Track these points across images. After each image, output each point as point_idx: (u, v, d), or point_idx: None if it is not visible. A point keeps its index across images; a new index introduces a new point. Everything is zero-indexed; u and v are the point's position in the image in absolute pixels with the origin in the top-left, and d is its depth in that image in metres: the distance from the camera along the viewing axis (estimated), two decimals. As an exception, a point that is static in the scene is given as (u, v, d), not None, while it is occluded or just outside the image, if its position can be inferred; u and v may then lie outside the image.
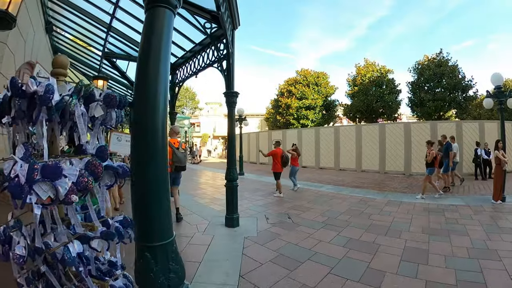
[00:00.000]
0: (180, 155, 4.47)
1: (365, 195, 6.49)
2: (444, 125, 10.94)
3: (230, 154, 4.29)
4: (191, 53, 6.21)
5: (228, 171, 4.26)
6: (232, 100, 4.21)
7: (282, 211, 5.14)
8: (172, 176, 4.41)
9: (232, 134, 4.27)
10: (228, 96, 4.23)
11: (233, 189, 4.23)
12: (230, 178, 4.22)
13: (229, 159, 4.30)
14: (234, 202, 4.25)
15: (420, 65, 20.34)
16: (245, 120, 11.01)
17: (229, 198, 4.25)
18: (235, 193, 4.27)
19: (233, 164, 4.24)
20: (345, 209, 5.22)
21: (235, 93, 4.24)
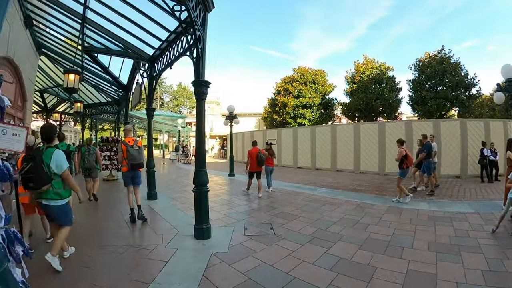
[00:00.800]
0: (133, 152, 4.33)
1: (362, 200, 5.81)
2: (447, 123, 10.27)
3: (199, 154, 3.63)
4: (166, 43, 5.74)
5: (196, 174, 3.60)
6: (202, 90, 3.55)
7: (265, 219, 4.47)
8: (129, 175, 4.42)
9: (200, 131, 3.60)
10: (197, 85, 3.56)
11: (202, 196, 3.57)
12: (198, 183, 3.55)
13: (197, 160, 3.63)
14: (203, 211, 3.58)
15: (421, 62, 19.66)
16: (236, 118, 10.34)
17: (197, 206, 3.60)
18: (205, 201, 3.60)
19: (202, 166, 3.57)
20: (338, 217, 4.55)
21: (205, 82, 3.58)
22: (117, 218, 4.71)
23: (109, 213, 5.21)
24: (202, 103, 3.58)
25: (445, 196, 6.47)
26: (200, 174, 3.52)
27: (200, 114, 3.56)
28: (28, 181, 2.48)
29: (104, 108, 15.59)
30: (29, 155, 2.55)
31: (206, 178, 3.59)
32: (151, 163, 6.54)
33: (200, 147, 3.66)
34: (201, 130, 3.57)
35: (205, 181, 3.54)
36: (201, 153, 3.63)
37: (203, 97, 3.56)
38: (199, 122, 3.57)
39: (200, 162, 3.57)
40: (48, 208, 2.68)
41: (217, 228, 4.01)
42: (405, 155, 5.72)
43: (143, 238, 3.83)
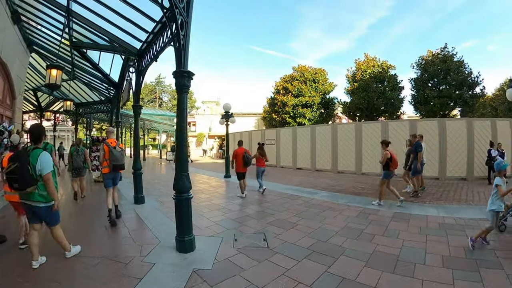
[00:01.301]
0: (116, 153, 4.45)
1: (366, 206, 5.35)
2: (453, 123, 9.80)
3: (181, 157, 3.16)
4: (152, 35, 5.40)
5: (176, 179, 3.14)
6: (183, 82, 3.09)
7: (259, 228, 4.02)
8: (110, 177, 4.49)
9: (181, 128, 3.15)
10: (179, 76, 3.10)
11: (183, 204, 3.11)
12: (178, 189, 3.09)
13: (178, 162, 3.17)
14: (185, 221, 3.13)
15: (423, 60, 19.19)
16: (232, 117, 9.88)
17: (178, 215, 3.14)
18: (187, 209, 3.14)
19: (184, 169, 3.11)
20: (340, 226, 4.09)
21: (188, 73, 3.12)
22: (99, 223, 4.34)
23: (91, 218, 4.83)
24: (184, 97, 3.12)
25: (454, 200, 6.03)
26: (181, 179, 3.06)
27: (181, 109, 3.10)
28: (13, 181, 2.46)
29: (98, 107, 15.18)
30: (16, 155, 2.55)
31: (189, 184, 3.13)
32: (138, 164, 6.10)
33: (181, 148, 3.19)
34: (182, 128, 3.11)
35: (186, 187, 3.08)
36: (182, 154, 3.16)
37: (185, 89, 3.10)
38: (180, 119, 3.12)
39: (181, 165, 3.11)
40: (36, 209, 2.65)
41: (203, 239, 3.56)
42: (390, 158, 5.49)
43: (121, 248, 3.42)
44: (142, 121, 22.54)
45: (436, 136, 9.61)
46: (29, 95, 16.32)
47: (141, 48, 6.35)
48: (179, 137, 3.14)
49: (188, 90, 3.17)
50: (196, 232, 3.85)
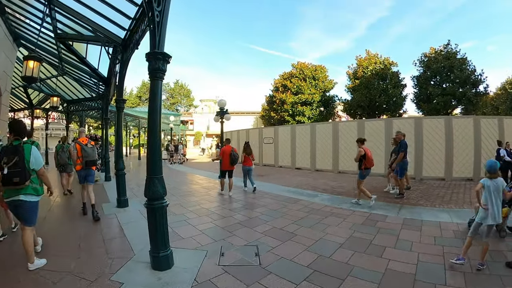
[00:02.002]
0: (88, 150, 4.71)
1: (372, 210, 4.82)
2: (459, 121, 9.28)
3: (152, 157, 2.61)
4: (135, 21, 4.92)
5: (147, 184, 2.59)
6: (157, 65, 2.54)
7: (251, 238, 3.48)
8: (82, 174, 4.65)
9: (153, 123, 2.59)
10: (153, 59, 2.55)
11: (157, 213, 2.57)
12: (150, 195, 2.55)
13: (149, 163, 2.62)
14: (160, 233, 2.59)
15: (426, 57, 18.70)
16: (227, 113, 9.31)
17: (151, 227, 2.60)
18: (160, 219, 2.60)
19: (156, 172, 2.57)
20: (345, 236, 3.56)
21: (163, 55, 2.57)
22: (74, 229, 3.90)
23: (67, 223, 4.34)
24: (158, 83, 2.57)
25: (465, 204, 5.52)
26: (153, 183, 2.51)
27: (154, 98, 2.54)
28: (14, 176, 2.48)
29: (89, 104, 14.63)
30: (15, 149, 2.56)
31: (162, 189, 2.57)
32: (120, 164, 5.56)
33: (153, 145, 2.63)
34: (155, 121, 2.55)
35: (159, 193, 2.53)
36: (154, 153, 2.61)
37: (159, 74, 2.55)
38: (152, 110, 2.56)
39: (153, 166, 2.56)
40: (22, 205, 2.63)
41: (184, 253, 3.03)
42: (363, 155, 5.33)
43: (90, 261, 2.90)
44: (137, 119, 21.96)
45: (442, 135, 9.10)
46: (20, 92, 15.77)
47: (125, 38, 5.86)
48: (151, 132, 2.58)
49: (163, 76, 2.62)
50: (177, 243, 3.34)
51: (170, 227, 3.99)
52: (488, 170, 2.79)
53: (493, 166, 2.77)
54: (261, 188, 7.29)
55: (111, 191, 6.59)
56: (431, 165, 9.08)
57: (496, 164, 2.79)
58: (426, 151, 9.12)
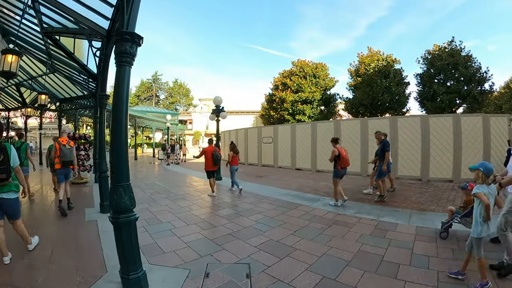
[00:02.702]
0: (65, 151, 4.92)
1: (380, 218, 4.34)
2: (469, 119, 8.78)
3: (117, 161, 2.13)
4: (116, 9, 4.34)
5: (112, 193, 2.10)
6: (125, 48, 2.06)
7: (244, 253, 3.00)
8: (61, 172, 4.87)
9: (119, 119, 2.10)
10: (119, 39, 2.07)
11: (123, 229, 2.09)
12: (115, 207, 2.07)
13: (114, 169, 2.13)
14: (128, 252, 2.13)
15: (430, 54, 18.18)
16: (223, 111, 8.84)
17: (118, 245, 2.13)
18: (129, 236, 2.12)
19: (121, 179, 2.09)
20: (352, 250, 3.07)
21: (132, 35, 2.09)
22: (47, 238, 3.48)
23: (45, 227, 3.96)
24: (125, 70, 2.09)
25: None
26: (117, 193, 2.03)
27: (120, 88, 2.06)
28: (1, 173, 2.62)
29: (82, 102, 14.18)
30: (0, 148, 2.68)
31: (129, 200, 2.08)
32: (102, 166, 5.08)
33: (118, 147, 2.15)
34: (120, 116, 2.07)
35: (126, 205, 2.05)
36: (120, 157, 2.12)
37: (127, 59, 2.07)
38: (117, 103, 2.08)
39: (118, 172, 2.07)
40: (6, 202, 2.76)
41: (162, 272, 2.56)
42: (338, 155, 5.24)
43: (56, 278, 2.46)
44: (133, 118, 21.48)
45: (450, 134, 8.61)
46: (12, 91, 15.34)
47: (109, 28, 5.36)
48: (116, 130, 2.09)
49: (132, 61, 2.14)
50: (156, 259, 2.88)
51: (152, 238, 3.55)
52: (487, 173, 2.39)
53: (492, 170, 2.41)
54: (259, 191, 6.81)
55: (97, 194, 6.11)
56: (439, 166, 8.60)
57: (491, 165, 2.44)
58: (433, 151, 8.64)
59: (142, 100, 50.15)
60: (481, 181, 2.40)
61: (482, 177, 2.40)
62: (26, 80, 12.79)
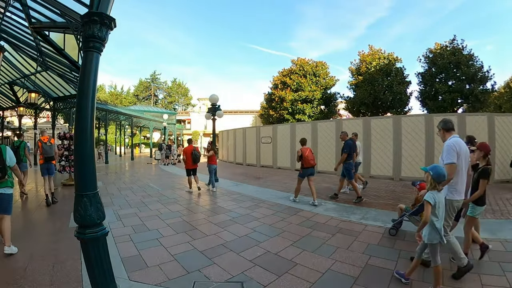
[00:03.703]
0: (46, 148, 5.37)
1: (387, 225, 3.99)
2: (474, 118, 8.48)
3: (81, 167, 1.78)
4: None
5: (76, 204, 1.75)
6: (92, 31, 1.72)
7: (237, 270, 2.64)
8: (45, 167, 5.34)
9: (83, 114, 1.76)
10: (87, 22, 1.73)
11: (90, 246, 1.75)
12: (80, 221, 1.73)
13: (79, 175, 1.78)
14: (99, 272, 1.80)
15: (432, 53, 17.84)
16: (220, 110, 8.48)
17: (87, 263, 1.79)
18: (97, 254, 1.79)
19: (86, 187, 1.75)
20: (359, 264, 2.72)
21: (101, 16, 1.75)
22: (28, 247, 3.24)
23: (25, 237, 3.60)
24: (92, 56, 1.75)
25: (487, 212, 4.73)
26: (82, 204, 1.70)
27: (86, 78, 1.72)
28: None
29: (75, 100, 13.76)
30: None
31: (96, 212, 1.75)
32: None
33: (82, 150, 1.80)
34: (85, 114, 1.73)
35: (91, 219, 1.72)
36: (85, 161, 1.77)
37: (94, 44, 1.74)
38: (82, 95, 1.73)
39: (82, 179, 1.73)
40: (4, 198, 3.03)
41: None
42: (300, 155, 5.51)
43: None
44: (130, 117, 21.09)
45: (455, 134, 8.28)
46: (6, 90, 14.99)
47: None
48: (80, 129, 1.75)
49: (101, 47, 1.79)
50: (137, 274, 2.56)
51: (137, 249, 3.19)
52: (436, 178, 2.18)
53: (444, 176, 2.20)
54: (257, 194, 6.47)
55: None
56: (444, 167, 8.29)
57: (444, 170, 2.23)
58: (438, 151, 8.30)
59: (140, 99, 49.74)
60: (429, 186, 2.21)
61: (430, 182, 2.20)
62: (19, 79, 12.45)
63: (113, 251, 3.14)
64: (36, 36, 6.72)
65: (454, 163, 2.41)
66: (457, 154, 2.46)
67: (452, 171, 2.37)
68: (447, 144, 2.59)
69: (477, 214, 2.81)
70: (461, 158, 2.49)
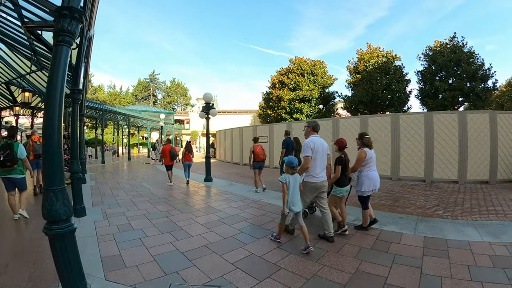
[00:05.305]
0: (36, 146, 6.19)
1: (383, 227, 3.80)
2: (475, 116, 8.24)
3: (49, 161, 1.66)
4: None
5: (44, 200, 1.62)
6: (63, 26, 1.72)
7: (217, 272, 2.44)
8: (34, 162, 5.99)
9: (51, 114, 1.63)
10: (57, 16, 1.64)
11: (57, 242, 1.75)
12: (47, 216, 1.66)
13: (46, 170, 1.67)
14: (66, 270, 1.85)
15: (431, 51, 17.63)
16: (213, 108, 8.31)
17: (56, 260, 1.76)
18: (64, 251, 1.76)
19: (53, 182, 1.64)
20: (349, 271, 2.52)
21: (70, 10, 1.66)
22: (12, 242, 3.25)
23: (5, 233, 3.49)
24: (62, 50, 1.62)
25: (490, 214, 4.55)
26: (48, 199, 1.58)
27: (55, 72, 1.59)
28: (7, 161, 3.96)
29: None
30: (6, 145, 4.02)
31: (63, 207, 1.63)
32: (74, 167, 4.56)
33: (50, 143, 1.65)
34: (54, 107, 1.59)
35: (57, 214, 1.60)
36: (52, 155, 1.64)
37: (65, 38, 1.65)
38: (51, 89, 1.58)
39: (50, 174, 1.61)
40: (16, 180, 4.20)
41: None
42: (253, 151, 6.61)
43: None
44: (127, 117, 20.96)
45: (456, 132, 8.07)
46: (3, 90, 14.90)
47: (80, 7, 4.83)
48: (48, 125, 1.60)
49: (71, 41, 1.68)
50: (115, 274, 2.43)
51: (118, 248, 3.03)
52: (289, 165, 3.10)
53: (294, 162, 3.09)
54: (249, 194, 6.30)
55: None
56: (443, 166, 8.07)
57: (296, 160, 3.13)
58: (438, 150, 8.11)
59: (139, 99, 49.65)
60: (285, 170, 3.14)
61: (286, 168, 3.13)
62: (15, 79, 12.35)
63: (94, 250, 3.01)
64: (29, 36, 6.59)
65: (308, 156, 3.14)
66: (311, 149, 3.17)
67: (306, 162, 3.14)
68: (305, 142, 3.31)
69: (338, 193, 3.59)
70: (315, 152, 3.20)
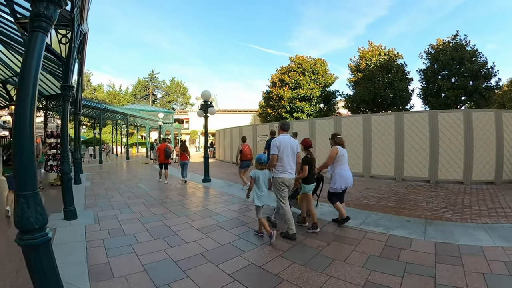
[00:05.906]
0: None
1: (390, 231, 3.58)
2: (480, 115, 8.01)
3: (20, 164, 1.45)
4: None
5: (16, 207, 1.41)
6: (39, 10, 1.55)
7: (213, 286, 2.22)
8: None
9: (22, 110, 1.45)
10: None
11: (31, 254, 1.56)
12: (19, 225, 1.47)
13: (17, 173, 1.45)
14: (42, 283, 1.50)
15: (434, 49, 17.37)
16: (212, 107, 8.08)
17: (31, 272, 1.53)
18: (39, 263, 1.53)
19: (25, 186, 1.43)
20: (358, 282, 2.29)
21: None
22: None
23: None
24: (37, 36, 1.43)
25: (499, 216, 4.32)
26: (20, 206, 1.37)
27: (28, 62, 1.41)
28: (10, 160, 4.09)
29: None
30: (9, 145, 4.26)
31: (35, 215, 1.43)
32: (65, 167, 4.34)
33: (21, 144, 1.44)
34: (25, 102, 1.40)
35: (29, 223, 1.41)
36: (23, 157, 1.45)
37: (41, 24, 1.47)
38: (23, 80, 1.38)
39: (21, 177, 1.41)
40: None
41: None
42: (240, 150, 6.83)
43: None
44: (125, 116, 20.72)
45: (461, 131, 7.84)
46: None
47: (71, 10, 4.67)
48: (19, 122, 1.41)
49: (48, 27, 1.49)
50: (100, 285, 2.25)
51: (107, 256, 2.80)
52: (257, 161, 3.35)
53: (262, 158, 3.36)
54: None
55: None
56: (448, 166, 7.84)
57: (264, 157, 3.40)
58: (443, 150, 7.88)
59: (138, 99, 49.38)
60: (255, 166, 3.40)
61: (255, 164, 3.39)
62: (11, 77, 12.14)
63: (81, 257, 2.80)
64: (23, 32, 6.38)
65: (274, 154, 3.32)
66: (277, 148, 3.32)
67: (273, 159, 3.32)
68: (272, 140, 3.50)
69: (307, 190, 3.75)
70: (282, 150, 3.34)
